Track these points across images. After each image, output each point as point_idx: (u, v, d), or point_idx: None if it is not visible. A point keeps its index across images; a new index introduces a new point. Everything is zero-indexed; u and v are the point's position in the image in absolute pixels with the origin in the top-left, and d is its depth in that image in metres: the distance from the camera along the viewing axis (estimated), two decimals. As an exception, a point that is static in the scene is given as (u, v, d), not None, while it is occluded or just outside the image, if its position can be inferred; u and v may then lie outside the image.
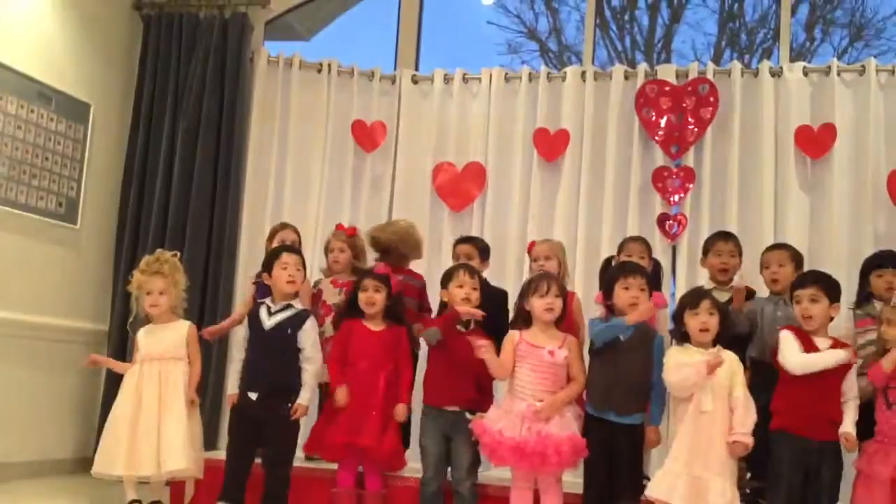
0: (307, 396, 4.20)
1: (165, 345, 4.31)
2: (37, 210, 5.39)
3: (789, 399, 3.72)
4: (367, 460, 4.20)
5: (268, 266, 4.33)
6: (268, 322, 4.24)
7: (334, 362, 4.26)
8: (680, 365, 3.69)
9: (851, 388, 3.73)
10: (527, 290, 4.05)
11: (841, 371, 3.71)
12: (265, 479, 4.18)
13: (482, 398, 4.12)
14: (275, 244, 4.83)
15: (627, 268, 4.09)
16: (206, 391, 5.15)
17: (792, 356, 3.73)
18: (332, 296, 4.82)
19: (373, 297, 4.26)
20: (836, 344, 3.78)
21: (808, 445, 3.67)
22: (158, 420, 4.16)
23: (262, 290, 4.46)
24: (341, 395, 4.16)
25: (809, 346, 3.75)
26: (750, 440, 3.62)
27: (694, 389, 3.64)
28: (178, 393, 4.23)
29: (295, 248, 4.56)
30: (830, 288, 3.83)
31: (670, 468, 3.63)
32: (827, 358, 3.69)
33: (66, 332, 5.58)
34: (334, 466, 4.28)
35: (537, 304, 3.97)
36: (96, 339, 5.80)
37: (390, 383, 4.21)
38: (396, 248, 4.88)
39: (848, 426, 3.67)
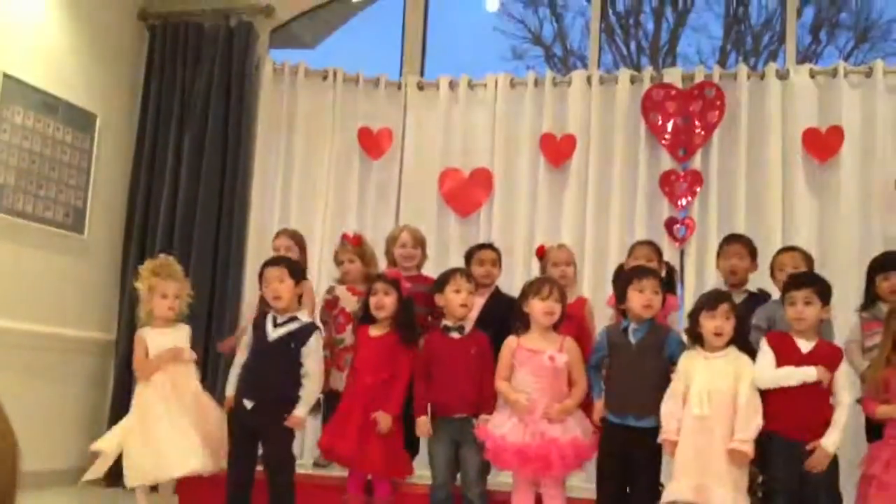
0: (304, 410, 4.18)
1: (178, 346, 4.33)
2: (44, 220, 5.39)
3: (779, 403, 3.66)
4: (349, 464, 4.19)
5: (261, 285, 4.34)
6: (272, 334, 4.23)
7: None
8: (781, 376, 3.67)
9: (840, 392, 3.66)
10: (527, 292, 4.03)
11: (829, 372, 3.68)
12: (269, 486, 4.18)
13: (486, 401, 4.10)
14: (272, 252, 4.82)
15: (641, 271, 4.07)
16: (214, 396, 5.12)
17: (761, 371, 3.69)
18: (351, 303, 4.80)
19: (382, 301, 4.24)
20: (822, 346, 3.75)
21: (800, 448, 3.63)
22: (176, 423, 4.16)
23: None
24: (424, 426, 4.14)
25: (791, 351, 3.70)
26: (749, 448, 3.55)
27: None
28: (189, 395, 4.25)
29: (275, 260, 4.49)
30: (824, 290, 3.79)
31: (676, 478, 3.61)
32: (793, 375, 3.64)
33: (73, 341, 5.58)
34: (344, 473, 4.27)
35: (537, 307, 3.96)
36: (104, 349, 5.80)
37: (380, 390, 4.18)
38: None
39: (827, 440, 3.58)
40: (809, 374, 3.64)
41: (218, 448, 4.25)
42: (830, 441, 3.59)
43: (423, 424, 4.11)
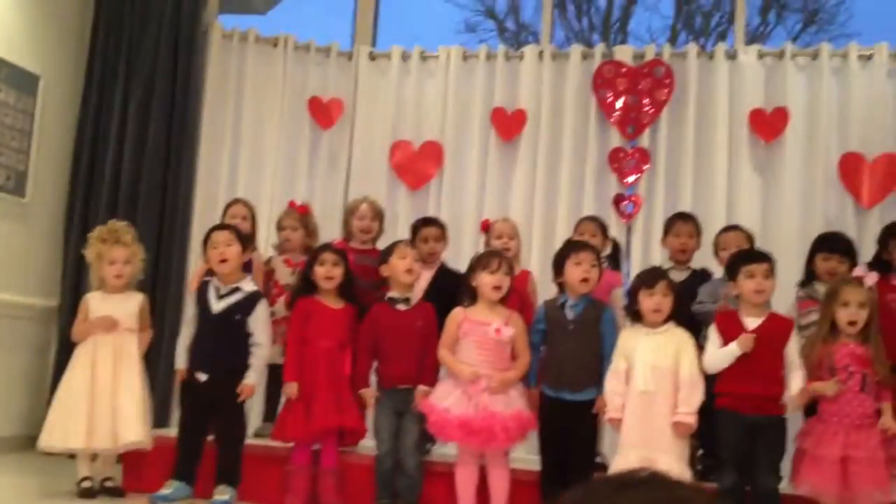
0: (254, 377, 4.19)
1: (120, 315, 4.26)
2: (-16, 183, 5.27)
3: (731, 381, 3.76)
4: (326, 437, 4.18)
5: (204, 251, 4.30)
6: (216, 306, 4.20)
7: (292, 348, 4.22)
8: (718, 358, 3.76)
9: (793, 360, 3.77)
10: (476, 266, 4.05)
11: (779, 344, 3.77)
12: (217, 457, 4.18)
13: (427, 373, 4.12)
14: (225, 220, 4.77)
15: (578, 244, 4.12)
16: (159, 367, 5.09)
17: (705, 358, 3.79)
18: (286, 276, 4.77)
19: (331, 272, 4.22)
20: (773, 318, 3.84)
21: (749, 422, 3.72)
22: (112, 392, 4.12)
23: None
24: (292, 390, 4.14)
25: (737, 329, 3.79)
26: (692, 419, 3.65)
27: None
28: (132, 365, 4.21)
29: (224, 225, 4.48)
30: (774, 267, 3.90)
31: (622, 451, 3.68)
32: (723, 356, 3.76)
33: (15, 307, 5.48)
34: (286, 444, 4.27)
35: (486, 280, 3.98)
36: (46, 315, 5.70)
37: (339, 357, 4.19)
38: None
39: (792, 390, 3.72)
40: (732, 351, 3.74)
41: (148, 427, 4.22)
42: (794, 389, 3.71)
43: (368, 395, 4.13)
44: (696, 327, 4.00)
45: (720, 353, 3.77)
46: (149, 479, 4.24)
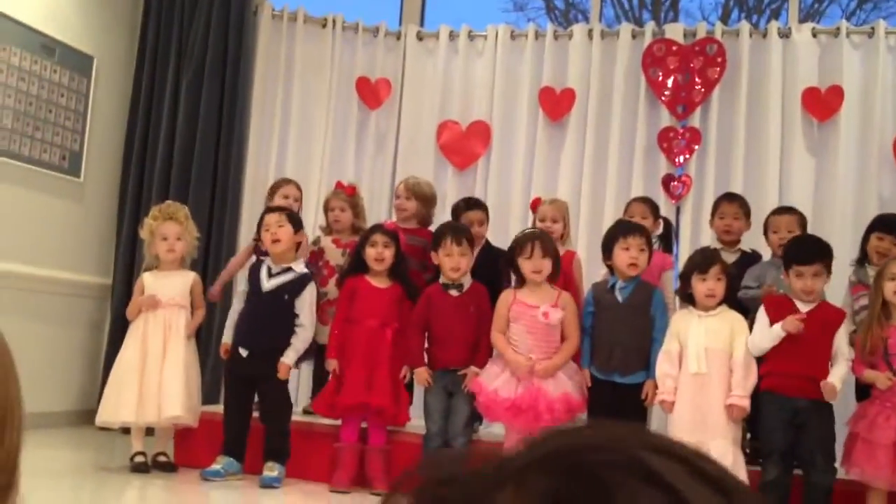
0: (292, 357, 4.26)
1: (171, 292, 4.34)
2: (40, 163, 5.37)
3: (776, 361, 3.73)
4: (371, 416, 4.23)
5: (258, 232, 4.37)
6: (266, 284, 4.27)
7: (336, 325, 4.28)
8: (763, 338, 3.73)
9: (841, 349, 3.72)
10: (513, 251, 4.05)
11: (828, 333, 3.72)
12: (265, 433, 4.24)
13: (480, 355, 4.15)
14: (275, 200, 4.82)
15: (627, 227, 4.09)
16: (211, 345, 5.17)
17: (750, 339, 3.75)
18: (336, 256, 4.80)
19: (382, 254, 4.25)
20: (825, 307, 3.79)
21: (796, 405, 3.68)
22: (161, 367, 4.20)
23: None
24: (333, 365, 4.20)
25: (788, 311, 3.74)
26: (746, 403, 3.63)
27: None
28: (180, 341, 4.28)
29: (275, 207, 4.54)
30: (830, 262, 3.83)
31: (675, 434, 3.66)
32: (768, 336, 3.71)
33: (69, 285, 5.59)
34: (336, 422, 4.32)
35: (525, 267, 3.98)
36: (100, 293, 5.81)
37: (397, 341, 4.23)
38: (434, 202, 4.88)
39: (832, 378, 3.66)
40: (776, 332, 3.69)
41: (195, 404, 4.30)
42: (835, 377, 3.65)
43: (421, 374, 4.16)
44: (742, 310, 3.96)
45: (765, 333, 3.73)
46: (200, 455, 4.32)
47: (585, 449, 0.46)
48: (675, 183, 5.50)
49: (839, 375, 3.68)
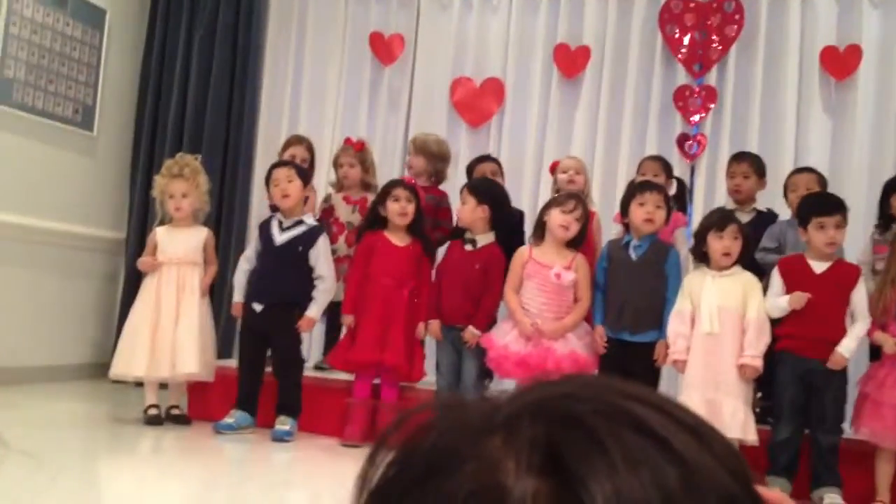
0: (315, 311, 4.26)
1: (184, 248, 4.36)
2: (53, 116, 5.37)
3: (792, 323, 3.72)
4: (384, 372, 4.25)
5: (267, 187, 4.36)
6: (279, 238, 4.27)
7: (353, 281, 4.28)
8: (769, 307, 3.73)
9: (859, 308, 3.70)
10: (551, 203, 4.06)
11: (844, 291, 3.71)
12: (277, 388, 4.27)
13: (481, 315, 4.16)
14: (285, 157, 4.81)
15: (644, 185, 4.07)
16: (223, 301, 5.19)
17: (767, 301, 3.74)
18: (346, 213, 4.80)
19: (406, 208, 4.24)
20: (840, 264, 3.78)
21: (810, 366, 3.68)
22: (175, 323, 4.23)
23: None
24: (348, 321, 4.21)
25: (804, 275, 3.72)
26: (759, 363, 3.63)
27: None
28: (193, 298, 4.30)
29: (285, 161, 4.53)
30: (847, 216, 3.81)
31: (686, 392, 3.67)
32: (773, 308, 3.72)
33: (83, 239, 5.61)
34: (349, 377, 4.35)
35: (556, 218, 3.97)
36: (114, 247, 5.84)
37: (413, 299, 4.24)
38: (444, 159, 4.87)
39: (848, 340, 3.65)
40: (781, 306, 3.69)
41: (210, 359, 4.33)
42: (844, 346, 3.65)
43: (433, 327, 4.18)
44: (759, 272, 3.95)
45: (772, 303, 3.72)
46: (213, 408, 4.36)
47: (572, 398, 0.46)
48: (690, 142, 5.45)
49: (856, 336, 3.67)
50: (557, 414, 0.45)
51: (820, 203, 3.86)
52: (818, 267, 3.74)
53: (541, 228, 4.06)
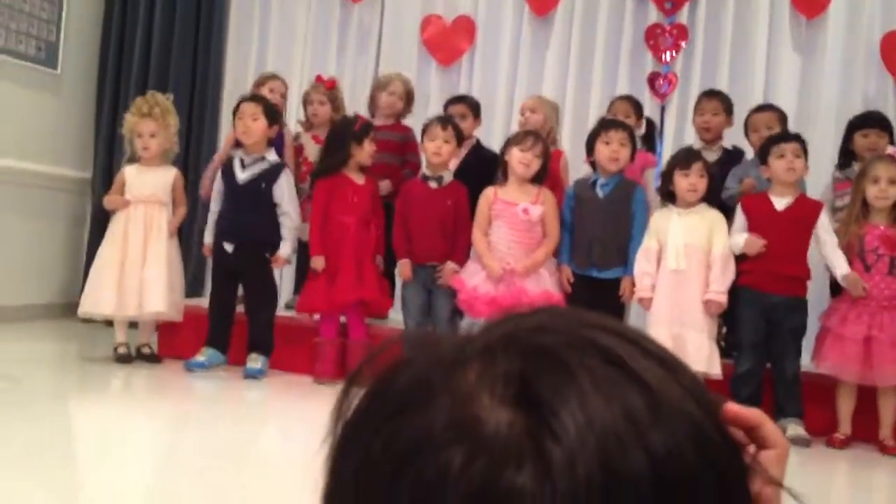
0: (288, 248, 4.27)
1: (152, 188, 4.32)
2: (16, 54, 5.26)
3: (754, 259, 3.78)
4: (351, 309, 4.27)
5: (234, 120, 4.32)
6: (241, 175, 4.25)
7: (316, 223, 4.28)
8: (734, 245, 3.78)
9: (827, 240, 3.75)
10: (510, 141, 4.06)
11: (807, 227, 3.75)
12: (249, 326, 4.28)
13: (458, 252, 4.18)
14: (263, 93, 4.76)
15: (608, 123, 4.08)
16: (192, 239, 5.17)
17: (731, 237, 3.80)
18: (314, 152, 4.76)
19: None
20: (802, 200, 3.83)
21: (771, 301, 3.75)
22: (143, 262, 4.21)
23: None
24: (318, 263, 4.20)
25: (766, 211, 3.77)
26: (723, 298, 3.70)
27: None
28: (161, 237, 4.28)
29: (256, 96, 4.49)
30: (806, 147, 3.84)
31: (651, 328, 3.72)
32: (734, 244, 3.78)
33: (49, 178, 5.54)
34: (315, 316, 4.36)
35: (515, 156, 3.98)
36: (80, 187, 5.78)
37: (364, 233, 4.25)
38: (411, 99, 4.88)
39: (839, 270, 3.72)
40: (737, 244, 3.76)
41: (178, 299, 4.32)
42: (840, 267, 3.72)
43: (404, 266, 4.19)
44: (724, 208, 3.98)
45: (734, 240, 3.78)
46: (183, 347, 4.37)
47: (543, 330, 0.47)
48: (661, 81, 5.44)
49: (844, 267, 3.71)
50: (529, 346, 0.46)
51: (778, 135, 3.95)
52: (780, 203, 3.78)
53: (504, 168, 4.06)
